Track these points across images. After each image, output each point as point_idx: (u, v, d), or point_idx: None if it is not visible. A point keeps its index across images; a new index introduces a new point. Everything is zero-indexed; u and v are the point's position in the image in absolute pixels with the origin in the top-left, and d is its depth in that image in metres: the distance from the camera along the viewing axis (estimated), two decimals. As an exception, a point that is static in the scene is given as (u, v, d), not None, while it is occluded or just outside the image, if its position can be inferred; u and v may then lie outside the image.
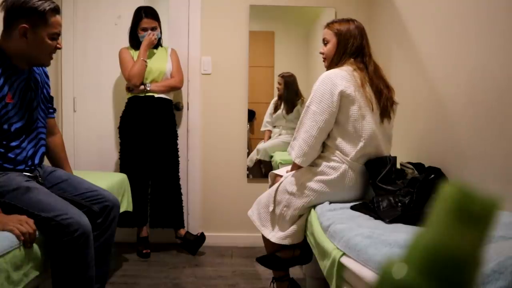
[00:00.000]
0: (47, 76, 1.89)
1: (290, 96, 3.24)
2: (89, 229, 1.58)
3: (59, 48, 1.70)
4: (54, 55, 1.73)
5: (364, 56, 1.88)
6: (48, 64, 1.75)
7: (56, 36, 1.66)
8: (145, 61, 2.80)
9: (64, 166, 1.98)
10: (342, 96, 1.79)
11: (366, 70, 1.86)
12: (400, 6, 2.59)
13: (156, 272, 2.61)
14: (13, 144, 1.63)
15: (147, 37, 2.79)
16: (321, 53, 1.98)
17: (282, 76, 3.24)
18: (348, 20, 1.94)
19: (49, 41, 1.65)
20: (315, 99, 1.82)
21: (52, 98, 1.96)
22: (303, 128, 1.85)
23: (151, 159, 2.89)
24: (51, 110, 1.95)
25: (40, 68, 1.83)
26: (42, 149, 1.80)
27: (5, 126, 1.60)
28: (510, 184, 1.53)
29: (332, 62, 1.93)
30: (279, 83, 3.24)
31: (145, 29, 2.82)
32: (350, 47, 1.89)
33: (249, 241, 3.06)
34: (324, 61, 1.98)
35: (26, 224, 1.42)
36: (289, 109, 3.24)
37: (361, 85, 1.81)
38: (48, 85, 1.89)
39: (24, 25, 1.58)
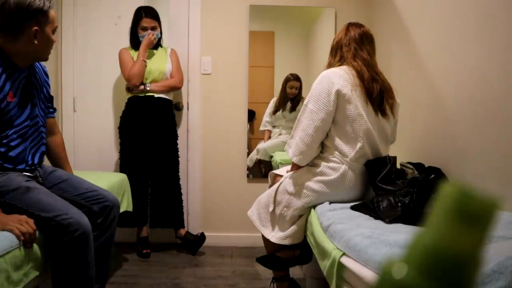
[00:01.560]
0: (47, 75, 1.88)
1: (298, 96, 3.24)
2: (89, 229, 1.58)
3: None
4: (52, 51, 1.75)
5: (342, 47, 1.90)
6: (48, 58, 1.75)
7: (55, 30, 1.69)
8: (145, 61, 2.79)
9: (64, 166, 1.98)
10: (339, 95, 1.79)
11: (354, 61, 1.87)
12: (400, 6, 2.59)
13: (156, 272, 2.61)
14: (13, 143, 1.63)
15: (147, 37, 2.79)
16: None
17: (298, 79, 3.22)
18: None
19: (52, 37, 1.67)
20: (312, 97, 1.83)
21: (52, 97, 1.95)
22: (300, 126, 1.86)
23: (151, 159, 2.89)
24: (51, 110, 1.94)
25: (40, 67, 1.83)
26: (42, 148, 1.80)
27: (6, 125, 1.59)
28: (510, 184, 1.53)
29: (328, 63, 1.98)
30: (295, 88, 3.23)
31: (145, 29, 2.82)
32: (332, 43, 1.98)
33: (249, 241, 3.06)
34: None
35: (26, 224, 1.42)
36: (293, 107, 3.24)
37: (358, 84, 1.81)
38: (48, 84, 1.88)
39: (36, 27, 1.59)
